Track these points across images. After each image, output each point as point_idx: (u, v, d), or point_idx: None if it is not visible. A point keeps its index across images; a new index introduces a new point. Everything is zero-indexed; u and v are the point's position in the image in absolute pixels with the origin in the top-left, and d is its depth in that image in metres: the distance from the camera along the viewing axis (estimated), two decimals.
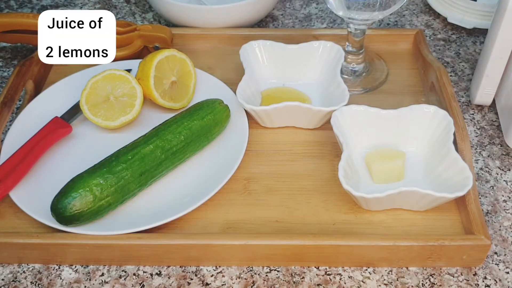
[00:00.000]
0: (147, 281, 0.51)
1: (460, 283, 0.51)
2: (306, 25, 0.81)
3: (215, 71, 0.69)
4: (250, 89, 0.64)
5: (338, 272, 0.52)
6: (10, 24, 0.69)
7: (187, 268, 0.52)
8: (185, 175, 0.58)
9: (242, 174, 0.58)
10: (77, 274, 0.52)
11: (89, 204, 0.51)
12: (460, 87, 0.71)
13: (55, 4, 0.85)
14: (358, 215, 0.55)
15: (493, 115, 0.67)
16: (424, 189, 0.51)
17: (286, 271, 0.52)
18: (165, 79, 0.63)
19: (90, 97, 0.60)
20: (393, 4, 0.62)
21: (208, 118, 0.59)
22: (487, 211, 0.57)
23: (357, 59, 0.70)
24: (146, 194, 0.56)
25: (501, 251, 0.54)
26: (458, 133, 0.58)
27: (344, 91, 0.61)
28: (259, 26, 0.81)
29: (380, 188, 0.54)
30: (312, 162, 0.60)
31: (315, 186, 0.58)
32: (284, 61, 0.68)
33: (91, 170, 0.52)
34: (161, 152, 0.55)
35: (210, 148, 0.60)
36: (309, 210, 0.55)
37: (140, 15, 0.83)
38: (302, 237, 0.51)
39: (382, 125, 0.59)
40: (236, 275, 0.52)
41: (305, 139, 0.63)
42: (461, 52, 0.76)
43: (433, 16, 0.82)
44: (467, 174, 0.52)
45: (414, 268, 0.52)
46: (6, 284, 0.51)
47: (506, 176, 0.60)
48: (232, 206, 0.56)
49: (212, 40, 0.74)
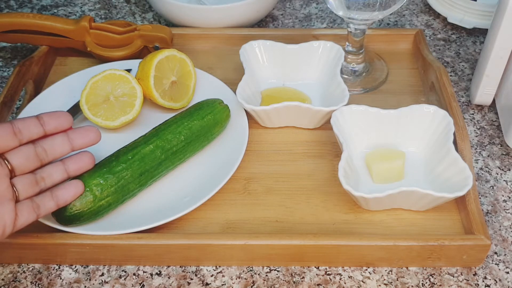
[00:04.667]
0: (147, 281, 0.51)
1: (460, 283, 0.51)
2: (306, 25, 0.81)
3: (215, 71, 0.69)
4: (250, 89, 0.64)
5: (338, 272, 0.52)
6: (10, 24, 0.69)
7: (187, 268, 0.52)
8: (185, 175, 0.58)
9: (242, 174, 0.58)
10: (77, 274, 0.52)
11: (89, 204, 0.51)
12: (460, 87, 0.71)
13: (55, 4, 0.85)
14: (358, 215, 0.55)
15: (493, 115, 0.67)
16: (424, 189, 0.51)
17: (286, 271, 0.52)
18: (165, 79, 0.63)
19: (90, 97, 0.60)
20: (393, 4, 0.62)
21: (208, 118, 0.59)
22: (487, 211, 0.57)
23: (357, 59, 0.70)
24: (146, 194, 0.56)
25: (501, 251, 0.54)
26: (458, 133, 0.58)
27: (344, 91, 0.61)
28: (259, 26, 0.81)
29: (380, 188, 0.54)
30: (312, 162, 0.60)
31: (315, 186, 0.58)
32: (284, 61, 0.68)
33: (91, 170, 0.52)
34: (161, 152, 0.55)
35: (210, 148, 0.60)
36: (309, 210, 0.55)
37: (140, 15, 0.83)
38: (302, 237, 0.51)
39: (382, 125, 0.59)
40: (236, 275, 0.52)
41: (305, 139, 0.63)
42: (461, 52, 0.76)
43: (433, 16, 0.82)
44: (467, 174, 0.52)
45: (414, 268, 0.52)
46: (6, 284, 0.51)
47: (506, 176, 0.60)
48: (232, 206, 0.56)
49: (212, 40, 0.74)
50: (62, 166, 0.51)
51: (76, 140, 0.51)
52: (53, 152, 0.50)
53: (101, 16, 0.83)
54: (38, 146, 0.49)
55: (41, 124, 0.49)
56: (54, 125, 0.50)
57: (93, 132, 0.51)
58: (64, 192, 0.50)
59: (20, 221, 0.47)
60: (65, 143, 0.50)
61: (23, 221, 0.47)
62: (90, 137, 0.51)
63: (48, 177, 0.50)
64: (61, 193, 0.50)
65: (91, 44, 0.70)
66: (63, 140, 0.50)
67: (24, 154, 0.48)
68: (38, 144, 0.49)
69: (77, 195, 0.50)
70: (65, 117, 0.50)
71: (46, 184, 0.50)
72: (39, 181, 0.49)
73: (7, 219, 0.46)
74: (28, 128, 0.48)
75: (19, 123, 0.48)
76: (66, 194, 0.50)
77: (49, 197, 0.49)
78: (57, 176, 0.50)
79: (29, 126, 0.48)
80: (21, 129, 0.48)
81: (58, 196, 0.49)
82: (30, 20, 0.69)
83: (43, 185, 0.49)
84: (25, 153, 0.48)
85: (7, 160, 0.47)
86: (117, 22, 0.72)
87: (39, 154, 0.49)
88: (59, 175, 0.50)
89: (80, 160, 0.51)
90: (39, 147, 0.49)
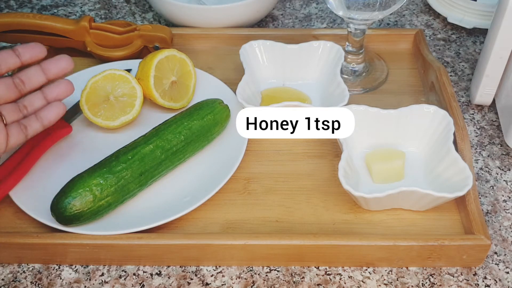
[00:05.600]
0: (147, 281, 0.51)
1: (460, 283, 0.51)
2: (306, 25, 0.81)
3: (215, 71, 0.69)
4: (250, 89, 0.64)
5: (338, 272, 0.52)
6: (10, 24, 0.69)
7: (187, 268, 0.52)
8: (185, 175, 0.58)
9: (242, 174, 0.58)
10: (77, 274, 0.52)
11: (89, 204, 0.51)
12: (460, 87, 0.71)
13: (55, 4, 0.85)
14: (358, 215, 0.55)
15: (493, 115, 0.67)
16: (424, 189, 0.51)
17: (286, 271, 0.52)
18: (165, 79, 0.63)
19: (90, 97, 0.60)
20: (393, 4, 0.62)
21: (208, 118, 0.59)
22: (487, 211, 0.57)
23: (357, 59, 0.70)
24: (146, 194, 0.56)
25: (501, 251, 0.54)
26: (458, 133, 0.58)
27: (344, 91, 0.61)
28: (259, 26, 0.81)
29: (380, 188, 0.54)
30: (312, 162, 0.60)
31: (315, 186, 0.58)
32: (284, 61, 0.68)
33: (91, 170, 0.52)
34: (161, 152, 0.55)
35: (210, 148, 0.60)
36: (309, 210, 0.55)
37: (140, 15, 0.83)
38: (302, 237, 0.51)
39: (382, 125, 0.59)
40: (236, 275, 0.52)
41: (305, 139, 0.63)
42: (461, 52, 0.76)
43: (433, 16, 0.82)
44: (467, 174, 0.52)
45: (414, 268, 0.52)
46: (6, 284, 0.51)
47: (506, 176, 0.60)
48: (232, 206, 0.56)
49: (212, 40, 0.74)
50: (41, 94, 0.54)
51: (50, 69, 0.54)
52: (30, 82, 0.53)
53: (101, 16, 0.83)
54: (15, 77, 0.53)
55: (17, 55, 0.52)
56: (29, 55, 0.53)
57: (64, 59, 0.54)
58: (46, 113, 0.54)
59: (11, 141, 0.51)
60: (39, 73, 0.53)
61: (14, 141, 0.51)
62: (62, 64, 0.54)
63: (29, 105, 0.54)
64: (44, 114, 0.54)
65: (91, 44, 0.70)
66: (37, 70, 0.53)
67: (3, 84, 0.52)
68: (15, 76, 0.53)
69: (59, 114, 0.54)
70: (39, 48, 0.53)
71: (29, 111, 0.53)
72: (22, 109, 0.53)
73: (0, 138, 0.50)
74: (5, 60, 0.51)
75: None
76: (49, 114, 0.54)
77: (34, 119, 0.53)
78: (37, 103, 0.54)
79: (6, 58, 0.51)
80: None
81: (42, 117, 0.53)
82: (30, 20, 0.69)
83: (25, 112, 0.53)
84: (4, 83, 0.52)
85: None
86: (117, 22, 0.72)
87: (17, 85, 0.53)
88: (40, 102, 0.54)
89: (58, 87, 0.55)
90: (16, 78, 0.53)
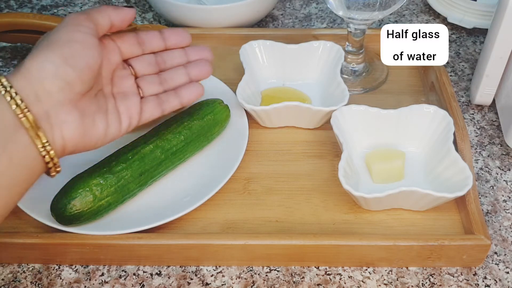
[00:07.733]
0: (147, 281, 0.51)
1: (460, 283, 0.51)
2: (306, 25, 0.81)
3: (215, 71, 0.69)
4: (250, 89, 0.64)
5: (338, 272, 0.52)
6: (10, 24, 0.69)
7: (187, 268, 0.52)
8: (185, 175, 0.58)
9: (242, 174, 0.58)
10: (77, 274, 0.52)
11: (89, 204, 0.50)
12: (460, 87, 0.71)
13: (55, 4, 0.85)
14: (358, 215, 0.55)
15: (493, 115, 0.67)
16: (424, 189, 0.51)
17: (286, 271, 0.52)
18: None
19: None
20: (393, 4, 0.62)
21: (208, 118, 0.59)
22: (487, 211, 0.57)
23: (357, 59, 0.70)
24: (146, 194, 0.56)
25: (501, 251, 0.54)
26: (458, 133, 0.58)
27: (344, 91, 0.61)
28: (259, 26, 0.81)
29: (380, 188, 0.54)
30: (312, 162, 0.60)
31: (315, 186, 0.58)
32: (284, 61, 0.68)
33: (91, 170, 0.52)
34: (161, 152, 0.55)
35: (210, 148, 0.60)
36: (309, 210, 0.55)
37: (140, 15, 0.84)
38: (302, 237, 0.51)
39: (382, 125, 0.59)
40: (236, 275, 0.52)
41: (305, 139, 0.63)
42: (461, 52, 0.76)
43: (433, 16, 0.82)
44: (467, 174, 0.52)
45: (414, 268, 0.52)
46: (6, 284, 0.51)
47: (506, 176, 0.60)
48: (232, 206, 0.56)
49: (212, 40, 0.74)
50: (184, 70, 0.54)
51: (192, 55, 0.55)
52: (171, 62, 0.54)
53: None
54: (158, 56, 0.54)
55: (163, 38, 0.53)
56: (175, 41, 0.54)
57: (206, 50, 0.56)
58: (187, 92, 0.54)
59: (145, 115, 0.51)
60: (182, 56, 0.55)
61: (148, 115, 0.51)
62: (205, 53, 0.55)
63: (170, 79, 0.54)
64: (184, 92, 0.54)
65: None
66: (180, 54, 0.55)
67: (146, 60, 0.53)
68: (158, 55, 0.54)
69: (198, 96, 0.54)
70: (185, 35, 0.54)
71: (169, 85, 0.53)
72: (162, 82, 0.53)
73: (133, 111, 0.50)
74: (151, 40, 0.52)
75: (143, 35, 0.52)
76: (189, 93, 0.54)
77: (173, 96, 0.53)
78: (179, 78, 0.54)
79: (152, 38, 0.53)
80: (144, 40, 0.52)
81: (181, 95, 0.53)
82: (30, 20, 0.69)
83: (166, 86, 0.53)
84: (146, 60, 0.53)
85: (131, 65, 0.52)
86: None
87: (159, 64, 0.53)
88: (182, 78, 0.54)
89: (200, 64, 0.55)
90: (158, 57, 0.54)
